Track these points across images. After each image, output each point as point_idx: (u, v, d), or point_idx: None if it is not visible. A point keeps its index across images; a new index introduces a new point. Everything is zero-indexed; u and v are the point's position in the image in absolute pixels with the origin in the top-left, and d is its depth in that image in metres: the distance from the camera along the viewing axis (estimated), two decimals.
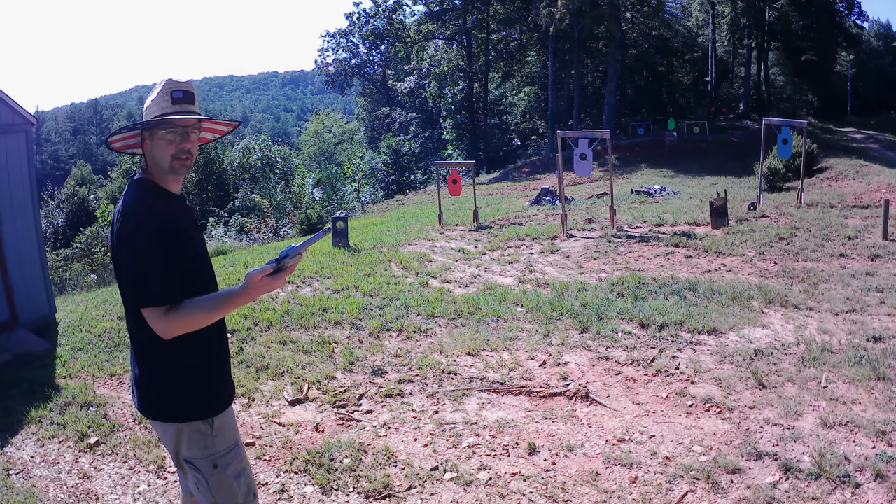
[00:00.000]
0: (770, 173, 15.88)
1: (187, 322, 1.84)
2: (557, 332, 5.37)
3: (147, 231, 1.85)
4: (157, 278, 1.83)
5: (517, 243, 9.21)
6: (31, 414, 4.26)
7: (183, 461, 2.01)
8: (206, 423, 1.99)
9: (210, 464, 1.99)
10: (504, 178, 28.88)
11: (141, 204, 1.90)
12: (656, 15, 36.81)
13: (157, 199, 1.94)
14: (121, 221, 1.88)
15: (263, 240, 17.17)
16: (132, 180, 2.00)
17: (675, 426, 3.74)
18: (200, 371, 2.01)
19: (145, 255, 1.84)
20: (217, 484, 2.00)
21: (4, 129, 6.31)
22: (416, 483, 3.29)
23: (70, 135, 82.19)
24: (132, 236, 1.85)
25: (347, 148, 56.82)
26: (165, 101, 1.96)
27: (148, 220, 1.86)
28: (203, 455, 1.99)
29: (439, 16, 39.35)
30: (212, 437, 2.00)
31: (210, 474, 1.99)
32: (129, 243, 1.85)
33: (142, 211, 1.88)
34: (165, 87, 1.97)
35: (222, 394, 2.09)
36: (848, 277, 6.55)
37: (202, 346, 2.00)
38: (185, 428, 1.97)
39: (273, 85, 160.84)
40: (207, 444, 1.99)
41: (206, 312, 1.86)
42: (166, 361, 1.95)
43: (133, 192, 1.94)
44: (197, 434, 1.98)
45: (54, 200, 31.22)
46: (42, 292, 6.66)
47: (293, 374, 4.78)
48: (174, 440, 2.00)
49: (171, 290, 1.85)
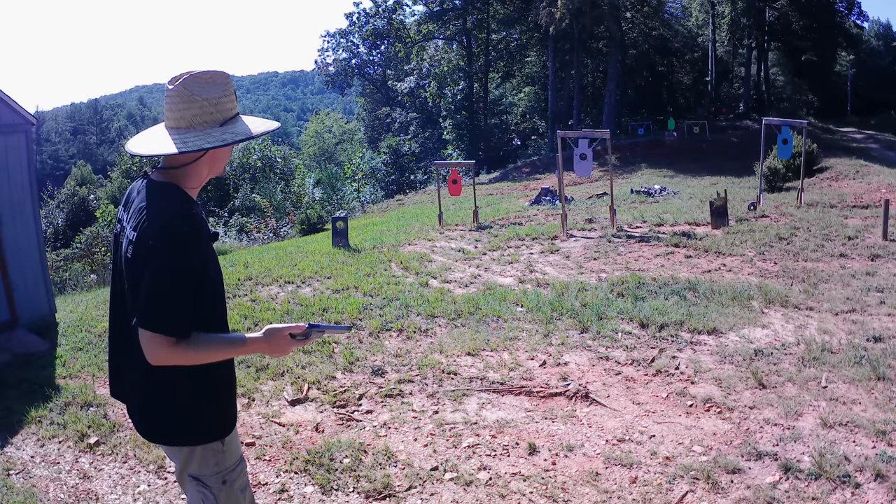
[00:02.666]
0: (770, 173, 15.88)
1: (193, 357, 1.72)
2: (557, 332, 5.37)
3: (184, 255, 1.68)
4: (178, 307, 1.67)
5: (517, 243, 9.21)
6: (31, 414, 4.26)
7: (189, 477, 1.94)
8: (218, 443, 1.93)
9: (220, 480, 1.95)
10: (504, 178, 28.89)
11: (183, 220, 1.71)
12: (656, 15, 36.83)
13: (193, 215, 1.74)
14: (156, 233, 1.67)
15: (263, 240, 17.18)
16: (165, 185, 1.79)
17: (675, 426, 3.74)
18: (216, 393, 1.92)
19: (175, 279, 1.67)
20: (226, 499, 1.96)
21: (4, 129, 6.30)
22: (416, 483, 3.29)
23: (70, 135, 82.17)
24: (170, 257, 1.66)
25: (347, 148, 56.81)
26: (233, 96, 1.81)
27: (188, 243, 1.69)
28: (213, 472, 1.93)
29: (439, 16, 39.35)
30: (223, 453, 1.94)
31: (219, 490, 1.95)
32: (161, 261, 1.65)
33: (183, 228, 1.69)
34: (226, 80, 1.80)
35: (233, 413, 2.02)
36: (848, 277, 6.55)
37: (218, 368, 1.88)
38: (199, 448, 1.90)
39: (273, 85, 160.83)
40: (218, 460, 1.94)
41: (215, 353, 1.76)
42: (182, 386, 1.82)
43: (173, 204, 1.74)
44: (210, 453, 1.92)
45: (54, 200, 31.26)
46: (42, 292, 6.66)
47: (293, 374, 4.77)
48: (184, 459, 1.93)
49: (188, 321, 1.70)
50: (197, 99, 1.74)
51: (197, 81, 1.75)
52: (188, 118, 1.75)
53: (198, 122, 1.75)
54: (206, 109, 1.75)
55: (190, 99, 1.74)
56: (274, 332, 1.79)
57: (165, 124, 1.81)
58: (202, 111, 1.75)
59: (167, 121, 1.80)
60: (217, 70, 1.79)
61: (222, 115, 1.78)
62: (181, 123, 1.76)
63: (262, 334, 1.79)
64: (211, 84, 1.77)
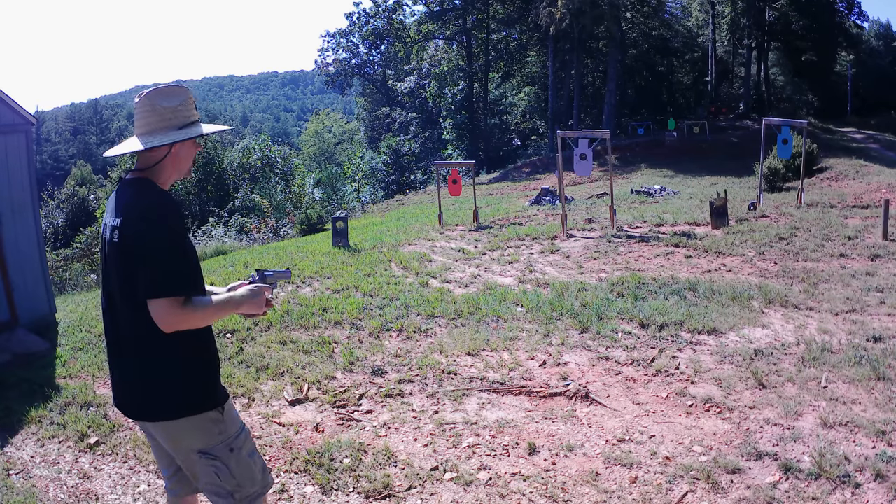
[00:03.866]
0: (770, 173, 15.88)
1: (198, 317, 1.94)
2: (557, 332, 5.37)
3: (171, 226, 1.94)
4: (179, 269, 1.92)
5: (517, 243, 9.21)
6: (31, 414, 4.26)
7: (198, 455, 2.05)
8: (216, 411, 2.07)
9: (227, 448, 2.08)
10: (504, 178, 28.89)
11: (164, 200, 1.98)
12: (656, 15, 36.85)
13: (169, 196, 2.03)
14: (140, 215, 1.93)
15: (263, 240, 17.17)
16: (139, 179, 2.04)
17: (675, 426, 3.74)
18: (210, 360, 2.10)
19: (171, 247, 1.92)
20: (237, 465, 2.10)
21: (4, 129, 6.30)
22: (416, 483, 3.29)
23: (70, 135, 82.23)
24: (159, 228, 1.92)
25: (347, 148, 56.87)
26: (191, 106, 2.09)
27: (172, 217, 1.97)
28: (218, 441, 2.07)
29: (439, 16, 39.36)
30: (223, 422, 2.08)
31: (228, 458, 2.08)
32: (155, 234, 1.91)
33: (166, 206, 1.97)
34: (186, 93, 2.09)
35: (222, 387, 2.17)
36: (848, 277, 6.55)
37: (208, 336, 2.10)
38: (197, 420, 2.02)
39: (273, 85, 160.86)
40: (221, 430, 2.07)
41: (215, 313, 2.00)
42: (178, 355, 1.99)
43: (149, 191, 2.00)
44: (209, 423, 2.05)
45: (54, 200, 31.26)
46: (42, 292, 6.66)
47: (293, 374, 4.78)
48: (185, 436, 2.04)
49: (190, 281, 1.96)
50: (158, 107, 2.04)
51: (159, 94, 2.06)
52: (152, 124, 2.04)
53: (160, 127, 2.04)
54: (166, 116, 2.04)
55: (153, 108, 2.04)
56: (240, 290, 2.10)
57: (136, 132, 2.09)
58: (162, 118, 2.04)
59: (137, 128, 2.08)
60: (178, 85, 2.14)
61: (180, 120, 2.06)
62: (147, 129, 2.04)
63: (233, 295, 2.06)
64: (171, 96, 2.07)
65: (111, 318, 2.06)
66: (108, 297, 2.06)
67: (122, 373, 2.08)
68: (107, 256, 2.04)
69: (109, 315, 2.07)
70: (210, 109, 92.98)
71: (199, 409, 2.03)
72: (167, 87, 2.09)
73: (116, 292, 2.00)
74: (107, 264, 2.04)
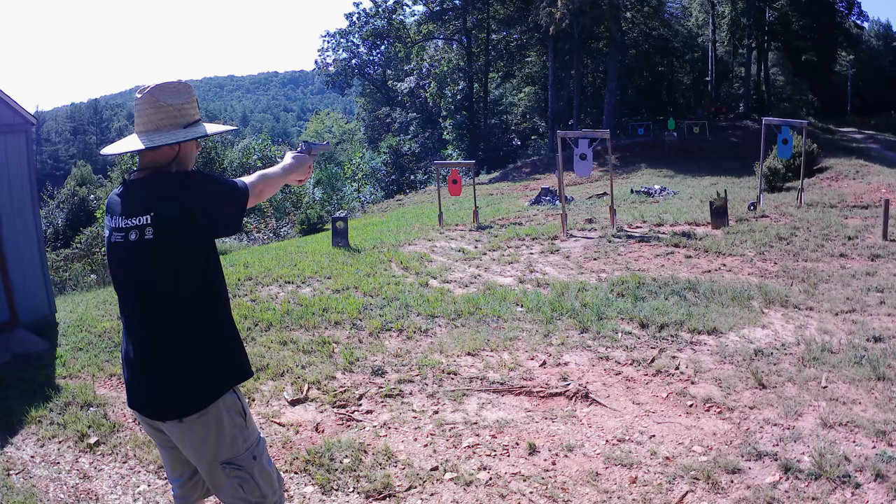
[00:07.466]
0: (770, 173, 15.88)
1: (268, 190, 2.09)
2: (557, 332, 5.36)
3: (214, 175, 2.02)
4: (235, 181, 2.02)
5: (517, 243, 9.21)
6: (31, 414, 4.26)
7: (221, 466, 1.98)
8: (240, 416, 2.02)
9: (251, 456, 2.04)
10: (504, 178, 28.89)
11: (193, 171, 2.01)
12: (656, 15, 36.79)
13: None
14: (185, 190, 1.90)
15: (263, 240, 17.17)
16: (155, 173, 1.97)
17: (675, 426, 3.74)
18: (236, 336, 2.09)
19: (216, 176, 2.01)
20: (260, 474, 2.06)
21: (4, 129, 6.30)
22: (416, 483, 3.29)
23: (70, 135, 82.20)
24: (206, 179, 1.96)
25: (347, 148, 56.79)
26: (196, 104, 2.07)
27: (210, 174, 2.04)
28: (244, 449, 2.02)
29: (439, 16, 39.37)
30: (246, 427, 2.04)
31: (252, 467, 2.04)
32: (206, 184, 1.95)
33: (199, 172, 2.00)
34: (190, 90, 2.05)
35: (246, 361, 2.13)
36: (848, 277, 6.55)
37: (230, 319, 2.09)
38: (225, 420, 1.97)
39: (273, 85, 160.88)
40: (245, 436, 2.03)
41: (278, 180, 2.16)
42: (207, 331, 1.96)
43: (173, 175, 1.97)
44: (237, 430, 2.00)
45: (54, 200, 31.27)
46: (42, 292, 6.66)
47: (293, 374, 4.78)
48: (210, 441, 1.96)
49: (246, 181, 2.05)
50: (163, 105, 1.95)
51: (163, 90, 1.97)
52: (155, 122, 1.95)
53: (164, 125, 1.95)
54: (171, 114, 1.96)
55: (157, 105, 1.95)
56: (287, 159, 2.26)
57: (136, 130, 2.00)
58: (168, 115, 1.95)
59: (137, 126, 1.99)
60: (181, 81, 2.04)
61: (185, 119, 1.98)
62: (149, 126, 1.95)
63: (284, 165, 2.22)
64: (175, 92, 1.98)
65: (140, 321, 1.96)
66: (134, 302, 1.96)
67: (158, 377, 1.95)
68: (130, 260, 1.93)
69: (137, 318, 1.97)
70: (210, 109, 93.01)
71: (239, 378, 2.03)
72: (171, 82, 2.00)
73: (150, 294, 1.91)
74: (130, 268, 1.94)
